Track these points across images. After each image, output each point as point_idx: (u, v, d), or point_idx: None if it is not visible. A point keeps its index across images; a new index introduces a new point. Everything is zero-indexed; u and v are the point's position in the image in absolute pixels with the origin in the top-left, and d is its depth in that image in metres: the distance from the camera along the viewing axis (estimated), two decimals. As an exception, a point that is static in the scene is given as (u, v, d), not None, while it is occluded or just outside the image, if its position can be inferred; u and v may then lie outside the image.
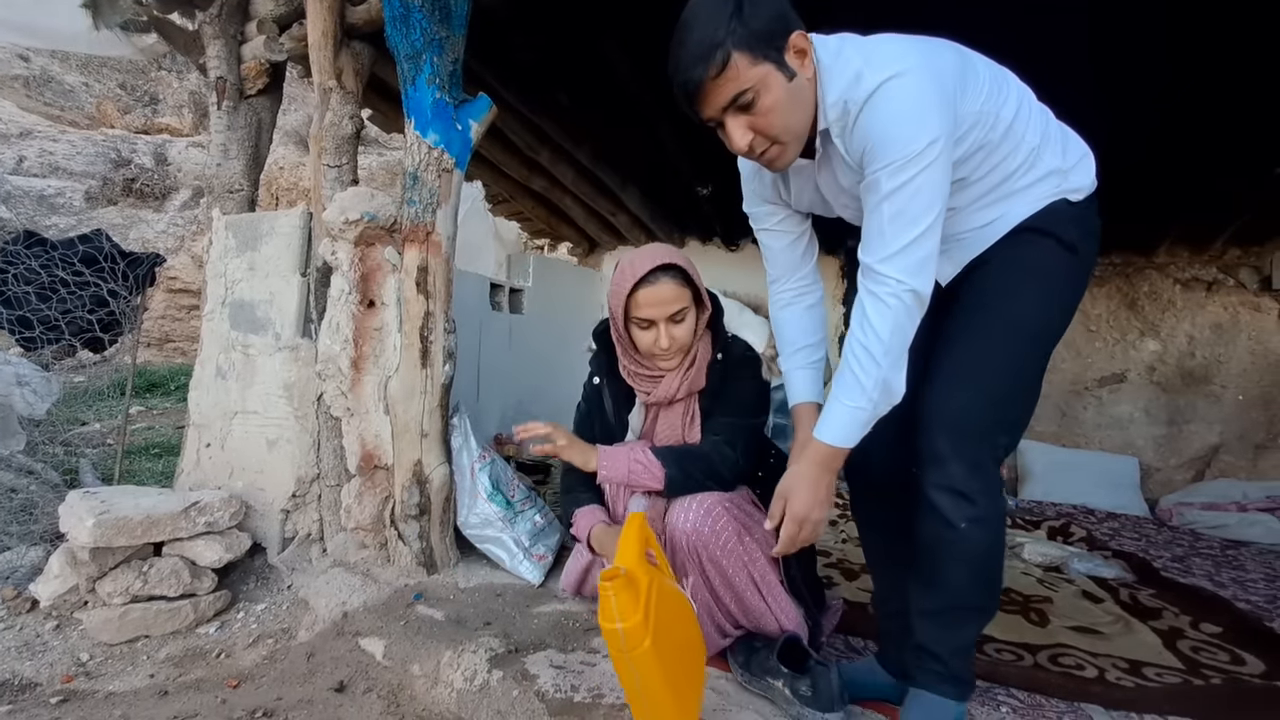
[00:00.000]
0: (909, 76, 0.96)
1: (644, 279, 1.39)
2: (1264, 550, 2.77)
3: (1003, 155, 1.08)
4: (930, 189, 0.97)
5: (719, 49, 0.95)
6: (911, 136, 0.95)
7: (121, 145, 10.00)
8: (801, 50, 1.00)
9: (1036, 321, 1.12)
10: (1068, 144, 1.15)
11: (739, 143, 1.03)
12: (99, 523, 1.64)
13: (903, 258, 0.99)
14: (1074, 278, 1.15)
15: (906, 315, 1.01)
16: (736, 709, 1.21)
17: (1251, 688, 1.45)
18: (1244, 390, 3.75)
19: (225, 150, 2.33)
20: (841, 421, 1.07)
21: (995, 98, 1.06)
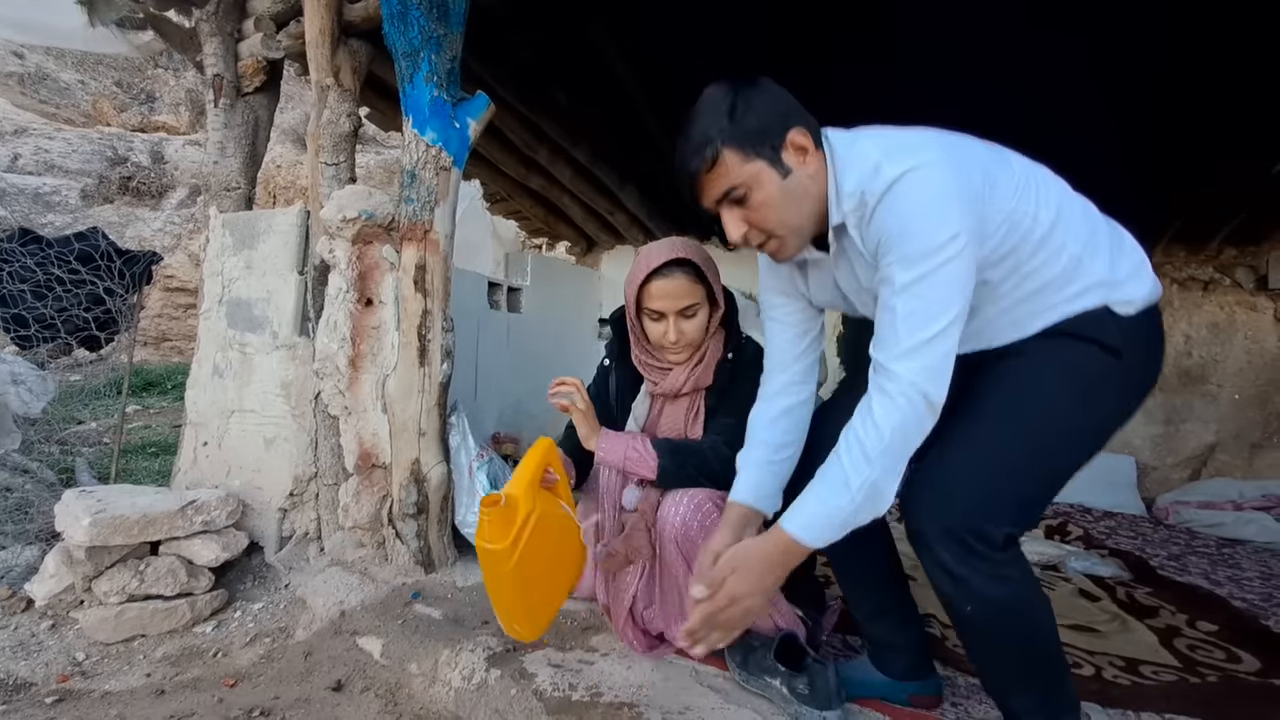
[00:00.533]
0: (930, 168, 0.93)
1: (658, 270, 1.40)
2: (1259, 549, 2.78)
3: (1039, 262, 1.00)
4: (949, 285, 0.91)
5: (710, 145, 0.98)
6: (931, 230, 0.91)
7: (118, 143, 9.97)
8: (801, 147, 1.00)
9: (1062, 420, 1.01)
10: (1119, 252, 1.05)
11: (732, 234, 1.04)
12: (95, 521, 1.63)
13: (916, 357, 0.93)
14: (1115, 381, 1.02)
15: (915, 420, 0.94)
16: (735, 708, 1.21)
17: (1247, 685, 1.46)
18: (1240, 389, 3.77)
19: (222, 148, 2.32)
20: (816, 518, 0.99)
21: (1031, 198, 0.99)
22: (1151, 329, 1.06)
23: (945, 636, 1.64)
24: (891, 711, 1.28)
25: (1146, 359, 1.07)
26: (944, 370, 0.94)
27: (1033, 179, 1.02)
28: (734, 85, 1.01)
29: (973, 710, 1.30)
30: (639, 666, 1.35)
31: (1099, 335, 1.01)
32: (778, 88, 1.03)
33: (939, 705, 1.31)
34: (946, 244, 0.90)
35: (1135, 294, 1.03)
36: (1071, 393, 1.01)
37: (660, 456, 1.39)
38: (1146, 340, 1.05)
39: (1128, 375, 1.04)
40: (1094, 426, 1.05)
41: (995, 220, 0.97)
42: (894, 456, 0.95)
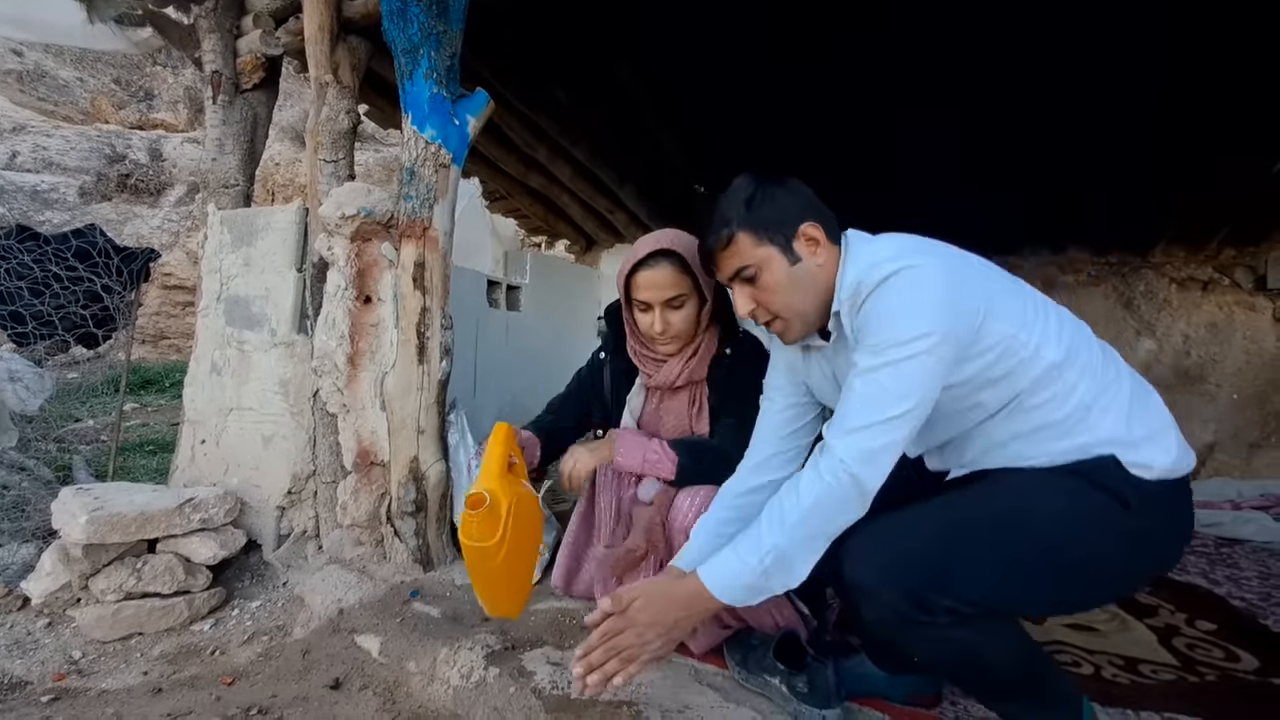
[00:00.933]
0: (923, 269, 0.94)
1: (643, 261, 1.41)
2: (1257, 548, 2.78)
3: (1041, 400, 0.98)
4: (907, 378, 0.91)
5: (726, 227, 1.06)
6: (904, 323, 0.93)
7: (116, 141, 9.95)
8: (812, 239, 1.06)
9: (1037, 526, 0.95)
10: (1141, 412, 0.99)
11: (740, 309, 1.11)
12: (92, 519, 1.63)
13: (856, 438, 0.93)
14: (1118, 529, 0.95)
15: (838, 498, 0.93)
16: (734, 706, 1.21)
17: (1246, 684, 1.46)
18: (1239, 389, 3.77)
19: (221, 145, 2.31)
20: (726, 573, 0.98)
21: (1035, 331, 0.97)
22: (1174, 498, 0.99)
23: (944, 635, 1.63)
24: (891, 710, 1.27)
25: (1167, 525, 1.00)
26: (881, 458, 0.93)
27: (1046, 316, 1.01)
28: (758, 179, 1.08)
29: (972, 709, 1.29)
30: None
31: (1105, 481, 0.95)
32: (802, 188, 1.09)
33: (939, 704, 1.31)
34: (915, 339, 0.91)
35: (1154, 460, 0.96)
36: (1061, 515, 0.95)
37: (680, 456, 1.40)
38: (1167, 507, 0.98)
39: (1137, 530, 0.96)
40: (1081, 563, 0.96)
41: (989, 340, 0.96)
42: (809, 530, 0.95)
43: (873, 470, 0.93)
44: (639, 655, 0.99)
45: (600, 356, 1.66)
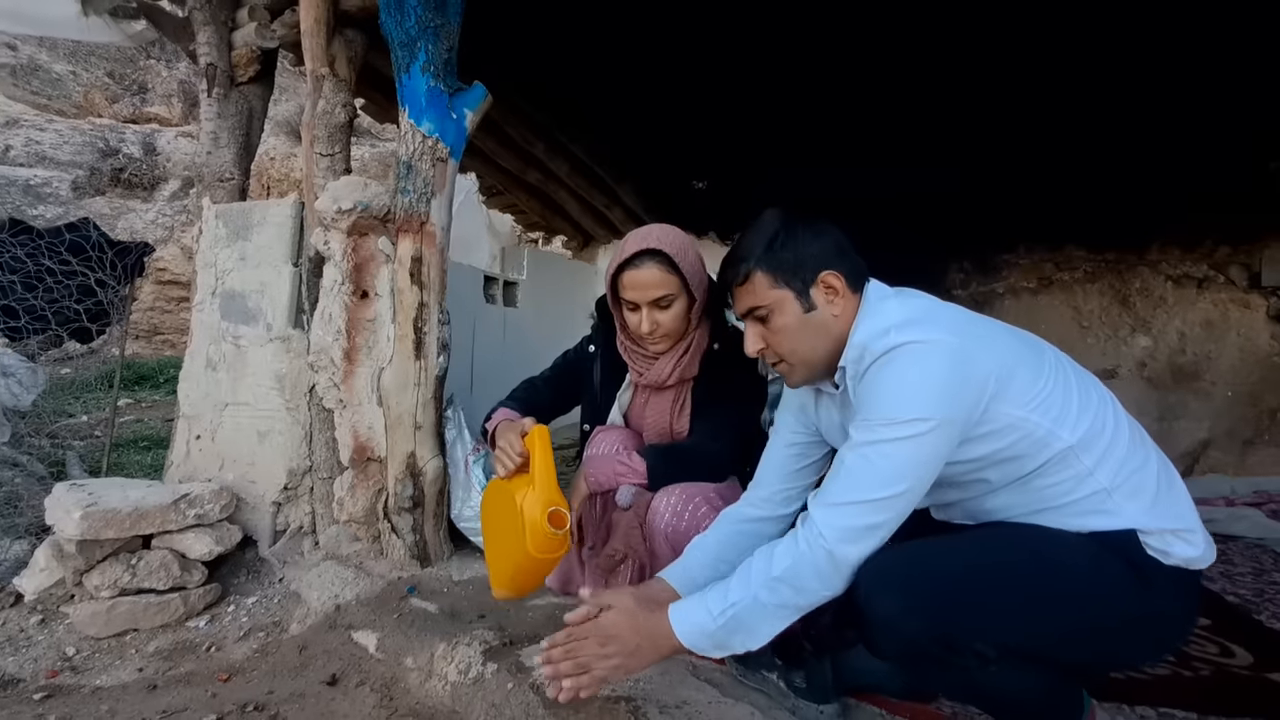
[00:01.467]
0: (930, 348, 0.90)
1: (629, 261, 1.37)
2: (1251, 544, 2.79)
3: (1051, 481, 0.95)
4: (901, 462, 0.88)
5: (744, 264, 1.05)
6: (902, 403, 0.89)
7: (109, 135, 9.87)
8: (832, 288, 1.03)
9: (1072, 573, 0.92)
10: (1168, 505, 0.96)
11: (749, 346, 1.09)
12: (86, 515, 1.62)
13: (839, 515, 0.90)
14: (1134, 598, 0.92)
15: (811, 570, 0.90)
16: (732, 702, 1.21)
17: (1240, 679, 1.46)
18: (1233, 387, 3.78)
19: (216, 138, 2.29)
20: (693, 619, 0.95)
21: (1053, 411, 0.93)
22: (1192, 587, 0.97)
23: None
24: (888, 705, 1.27)
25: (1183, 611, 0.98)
26: (865, 538, 0.90)
27: (1066, 393, 0.95)
28: (785, 218, 1.06)
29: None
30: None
31: (1125, 553, 0.93)
32: (831, 231, 1.06)
33: (937, 697, 1.31)
34: (911, 422, 0.88)
35: (1175, 550, 0.93)
36: (1089, 574, 0.93)
37: (648, 459, 1.39)
38: (1185, 594, 0.96)
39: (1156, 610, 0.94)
40: (1105, 628, 0.94)
41: (997, 424, 0.93)
42: (777, 598, 0.91)
43: (852, 549, 0.90)
44: (594, 669, 0.95)
45: (590, 349, 1.62)
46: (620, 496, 1.45)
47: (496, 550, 1.29)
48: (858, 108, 2.87)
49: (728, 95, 2.97)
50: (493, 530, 1.31)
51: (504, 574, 1.27)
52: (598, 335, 1.62)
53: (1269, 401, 3.71)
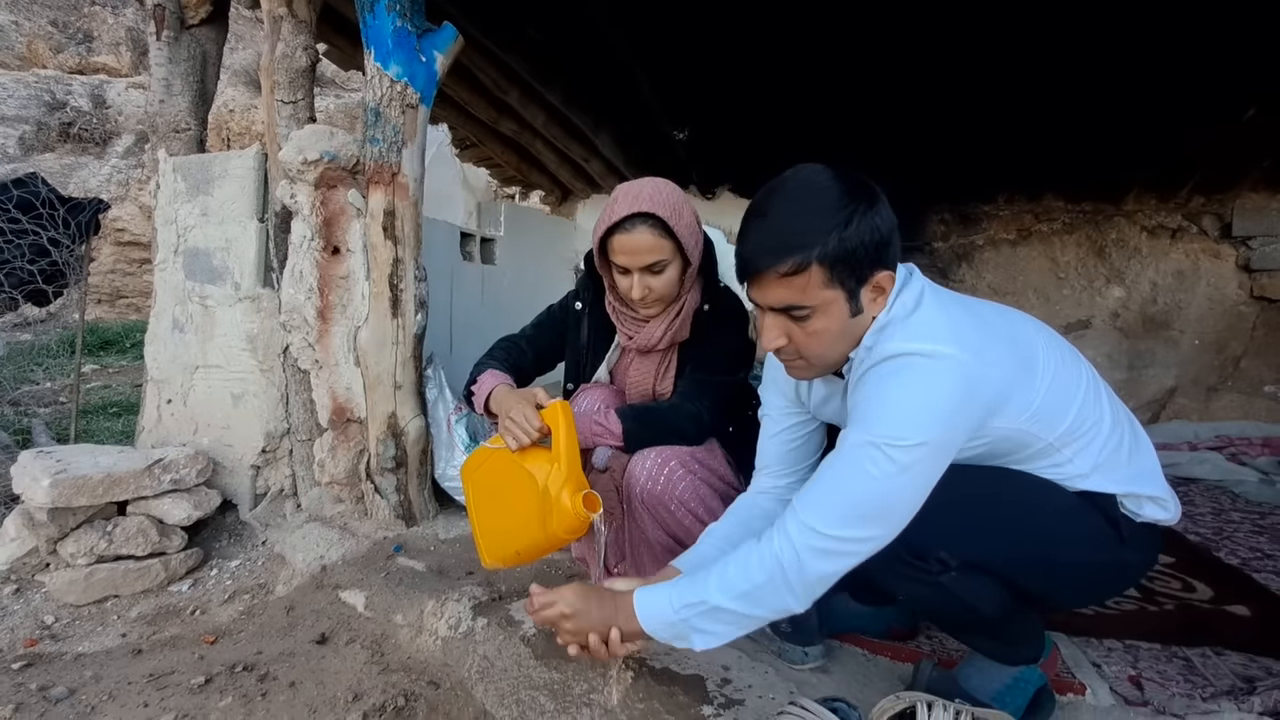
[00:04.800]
0: (940, 364, 0.83)
1: (620, 224, 1.28)
2: (1211, 486, 2.91)
3: (1033, 468, 0.96)
4: (891, 492, 0.83)
5: (803, 253, 0.84)
6: (907, 424, 0.82)
7: (55, 87, 9.32)
8: (881, 289, 0.90)
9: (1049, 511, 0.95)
10: (1138, 477, 0.98)
11: (767, 342, 0.94)
12: (55, 482, 1.57)
13: (817, 539, 0.84)
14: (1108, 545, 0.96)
15: (774, 590, 0.85)
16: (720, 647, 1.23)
17: (1201, 611, 1.54)
18: (1200, 335, 3.88)
19: (168, 85, 2.16)
20: (656, 602, 0.92)
21: (1040, 422, 0.92)
22: (1155, 539, 1.01)
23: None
24: (870, 645, 1.32)
25: (1144, 560, 1.03)
26: (836, 562, 0.85)
27: (1056, 398, 0.93)
28: (855, 194, 0.86)
29: (947, 641, 1.34)
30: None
31: (1103, 508, 0.96)
32: (889, 210, 0.89)
33: (915, 636, 1.36)
34: (914, 446, 0.82)
35: (1146, 512, 0.98)
36: (1065, 516, 0.96)
37: (624, 421, 1.34)
38: (1147, 545, 1.01)
39: (1123, 559, 0.99)
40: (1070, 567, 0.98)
41: (989, 436, 0.92)
42: (740, 603, 0.87)
43: (826, 571, 0.86)
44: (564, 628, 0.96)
45: (577, 306, 1.54)
46: (596, 459, 1.43)
47: (497, 524, 1.22)
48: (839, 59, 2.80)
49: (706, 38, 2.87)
50: (492, 502, 1.23)
51: (505, 548, 1.19)
52: (585, 292, 1.53)
53: (1233, 349, 3.81)
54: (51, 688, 1.26)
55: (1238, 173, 3.59)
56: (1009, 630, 1.05)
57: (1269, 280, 3.71)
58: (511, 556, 1.19)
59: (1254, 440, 3.32)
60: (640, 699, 1.08)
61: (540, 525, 1.11)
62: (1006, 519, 0.95)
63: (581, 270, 1.59)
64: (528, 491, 1.12)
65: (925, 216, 4.26)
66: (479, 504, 1.26)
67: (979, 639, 1.08)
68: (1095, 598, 1.10)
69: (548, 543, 1.13)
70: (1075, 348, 1.05)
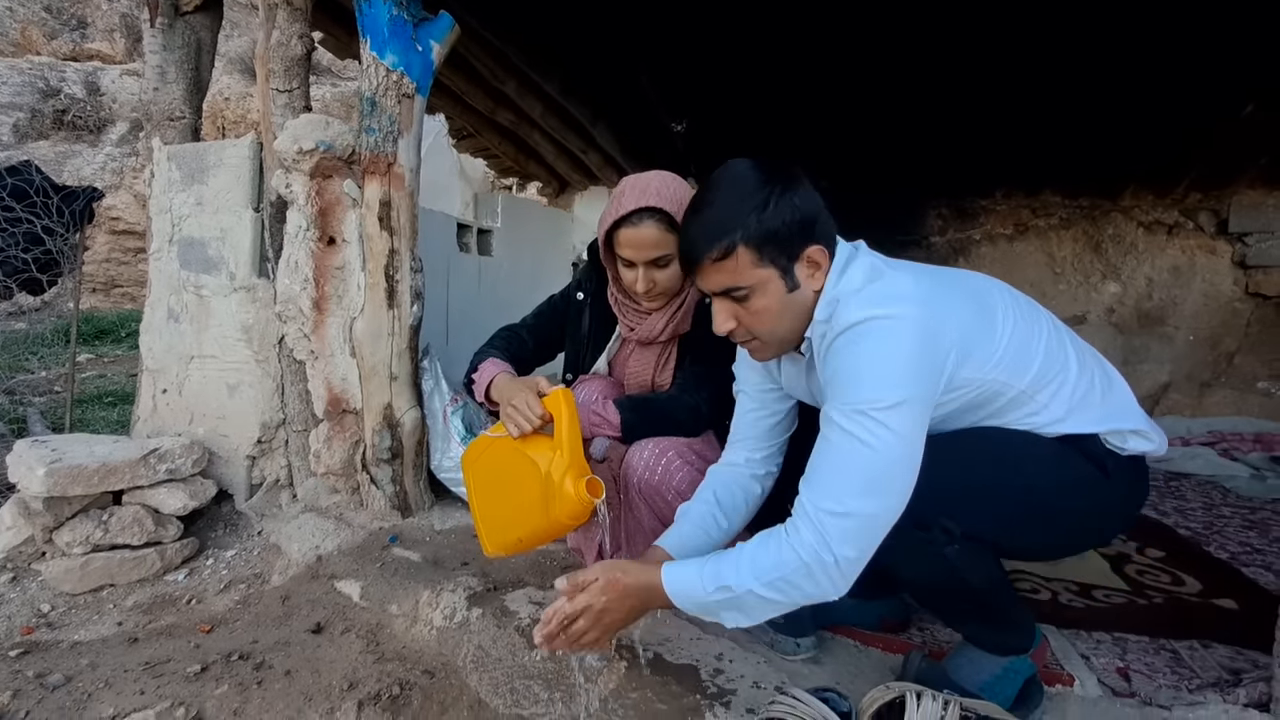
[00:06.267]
0: (898, 323, 0.87)
1: (627, 218, 1.29)
2: (1203, 481, 2.93)
3: (1010, 419, 0.99)
4: (896, 455, 0.86)
5: (727, 238, 0.91)
6: (881, 386, 0.85)
7: (49, 74, 9.24)
8: (815, 264, 0.95)
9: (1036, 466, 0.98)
10: (1116, 413, 1.02)
11: (719, 326, 1.00)
12: (51, 471, 1.57)
13: (842, 521, 0.85)
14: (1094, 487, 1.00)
15: (807, 577, 0.86)
16: (713, 638, 1.25)
17: (1190, 605, 1.55)
18: (1195, 331, 3.89)
19: (162, 73, 2.14)
20: (688, 583, 0.93)
21: (1008, 369, 0.95)
22: (1140, 473, 1.04)
23: (913, 567, 1.70)
24: (861, 636, 1.33)
25: (1133, 495, 1.06)
26: (867, 536, 0.87)
27: (1020, 345, 0.97)
28: (771, 178, 0.93)
29: (938, 633, 1.36)
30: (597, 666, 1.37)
31: (1088, 450, 0.99)
32: (815, 194, 0.95)
33: (906, 629, 1.37)
34: (893, 407, 0.85)
35: (1131, 445, 1.01)
36: (1053, 466, 0.99)
37: (622, 412, 1.36)
38: (1134, 477, 1.03)
39: (1112, 498, 1.02)
40: (1063, 515, 1.01)
41: (959, 388, 0.94)
42: (773, 591, 0.88)
43: (858, 548, 0.87)
44: (596, 639, 0.97)
45: (579, 296, 1.55)
46: (595, 449, 1.43)
47: (498, 511, 1.22)
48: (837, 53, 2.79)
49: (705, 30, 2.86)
50: (494, 490, 1.23)
51: (507, 535, 1.19)
52: (587, 283, 1.54)
53: (1227, 345, 3.83)
54: (48, 675, 1.27)
55: (1235, 169, 3.59)
56: (1002, 617, 1.07)
57: (1264, 277, 3.72)
58: (513, 544, 1.19)
59: (1246, 436, 3.34)
60: (633, 688, 1.09)
61: (543, 511, 1.10)
62: (996, 476, 0.98)
63: (583, 261, 1.59)
64: (530, 479, 1.12)
65: (923, 211, 4.25)
66: (480, 492, 1.25)
67: (973, 625, 1.10)
68: (1091, 540, 1.13)
69: (550, 529, 1.13)
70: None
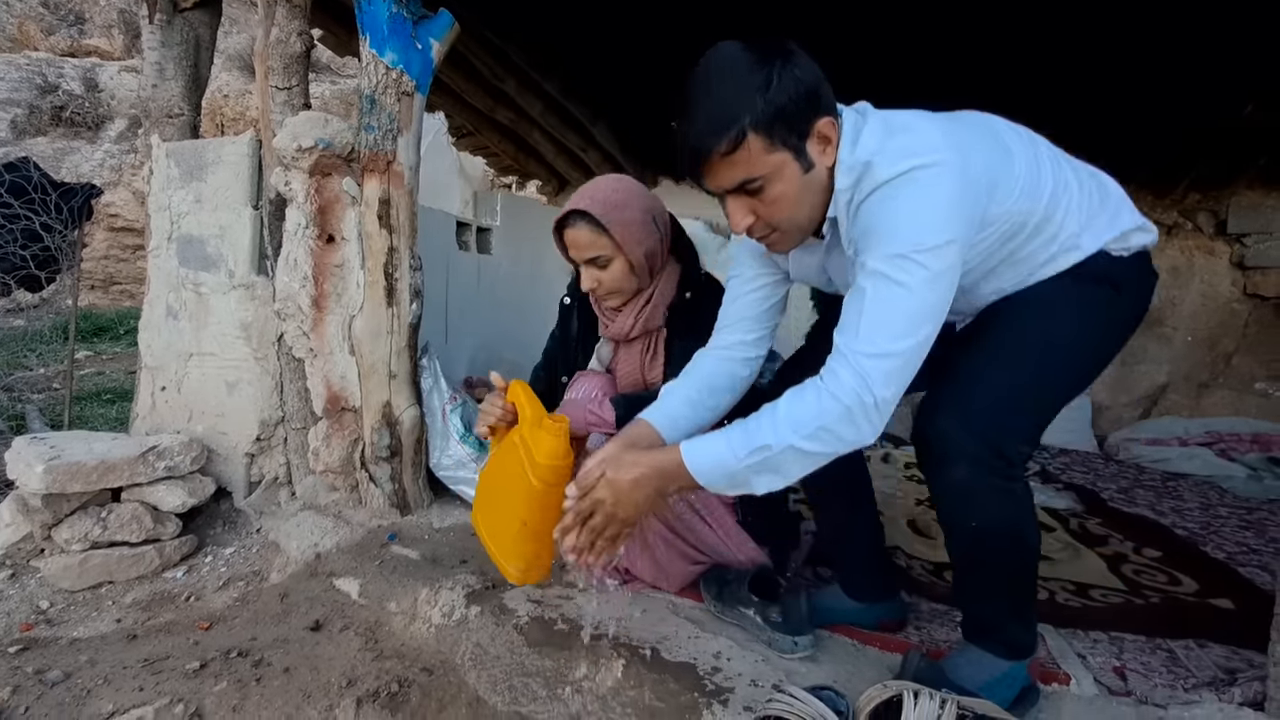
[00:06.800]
0: (938, 170, 0.87)
1: (564, 220, 1.39)
2: (1200, 482, 2.94)
3: (1033, 248, 1.00)
4: (932, 298, 0.86)
5: (735, 126, 0.86)
6: (925, 230, 0.85)
7: (47, 69, 9.21)
8: (826, 139, 0.91)
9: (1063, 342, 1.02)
10: (1117, 215, 1.04)
11: (737, 225, 0.96)
12: (49, 468, 1.57)
13: (879, 361, 0.86)
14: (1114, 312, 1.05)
15: (847, 419, 0.87)
16: (711, 636, 1.25)
17: (1186, 605, 1.56)
18: (1193, 332, 3.90)
19: (161, 70, 2.14)
20: (712, 454, 0.93)
21: (1029, 195, 0.97)
22: (1145, 268, 1.08)
23: (910, 567, 1.71)
24: (859, 635, 1.33)
25: (1139, 293, 1.09)
26: (903, 375, 0.89)
27: (1032, 169, 0.98)
28: (767, 55, 0.88)
29: (935, 633, 1.36)
30: (617, 600, 1.38)
31: (1095, 273, 1.02)
32: (809, 60, 0.90)
33: (903, 628, 1.37)
34: (939, 249, 0.85)
35: (1135, 241, 1.05)
36: (1081, 324, 1.02)
37: (617, 409, 1.38)
38: (1140, 276, 1.08)
39: (1126, 312, 1.07)
40: (1095, 357, 1.07)
41: (992, 221, 0.95)
42: (818, 445, 0.89)
43: (894, 388, 0.88)
44: (616, 534, 0.98)
45: (566, 301, 1.62)
46: (591, 446, 1.45)
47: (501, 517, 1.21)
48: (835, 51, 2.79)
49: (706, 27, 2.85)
50: (494, 506, 1.24)
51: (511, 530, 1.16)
52: (574, 288, 1.60)
53: (1225, 346, 3.83)
54: (48, 671, 1.27)
55: (1234, 170, 3.59)
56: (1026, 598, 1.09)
57: (1262, 277, 3.73)
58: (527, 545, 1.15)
59: (1243, 436, 3.35)
60: (631, 686, 1.10)
61: (530, 470, 1.10)
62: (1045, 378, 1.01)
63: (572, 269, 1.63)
64: (511, 460, 1.15)
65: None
66: (490, 526, 1.26)
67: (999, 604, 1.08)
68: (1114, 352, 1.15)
69: (543, 489, 1.09)
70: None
